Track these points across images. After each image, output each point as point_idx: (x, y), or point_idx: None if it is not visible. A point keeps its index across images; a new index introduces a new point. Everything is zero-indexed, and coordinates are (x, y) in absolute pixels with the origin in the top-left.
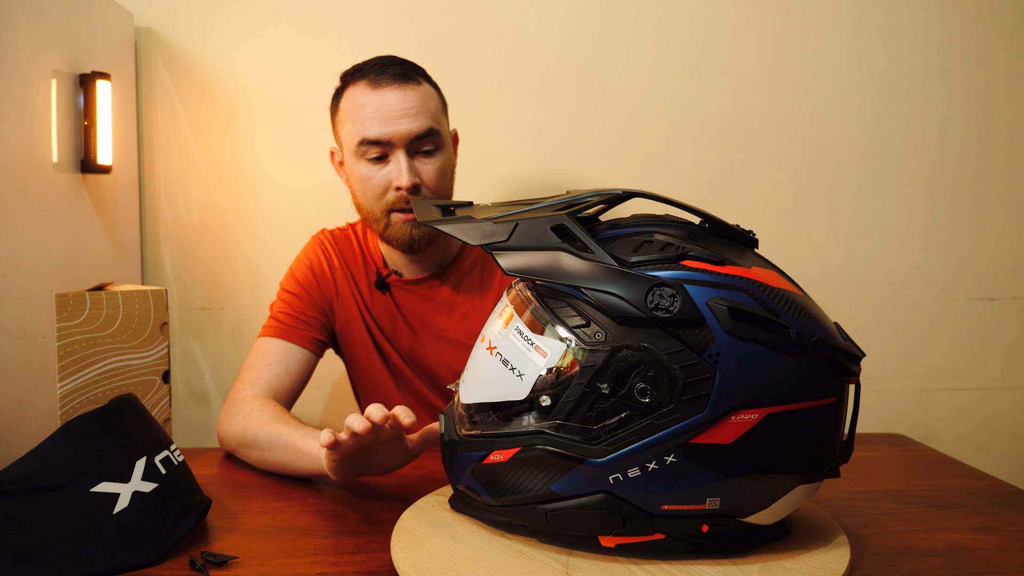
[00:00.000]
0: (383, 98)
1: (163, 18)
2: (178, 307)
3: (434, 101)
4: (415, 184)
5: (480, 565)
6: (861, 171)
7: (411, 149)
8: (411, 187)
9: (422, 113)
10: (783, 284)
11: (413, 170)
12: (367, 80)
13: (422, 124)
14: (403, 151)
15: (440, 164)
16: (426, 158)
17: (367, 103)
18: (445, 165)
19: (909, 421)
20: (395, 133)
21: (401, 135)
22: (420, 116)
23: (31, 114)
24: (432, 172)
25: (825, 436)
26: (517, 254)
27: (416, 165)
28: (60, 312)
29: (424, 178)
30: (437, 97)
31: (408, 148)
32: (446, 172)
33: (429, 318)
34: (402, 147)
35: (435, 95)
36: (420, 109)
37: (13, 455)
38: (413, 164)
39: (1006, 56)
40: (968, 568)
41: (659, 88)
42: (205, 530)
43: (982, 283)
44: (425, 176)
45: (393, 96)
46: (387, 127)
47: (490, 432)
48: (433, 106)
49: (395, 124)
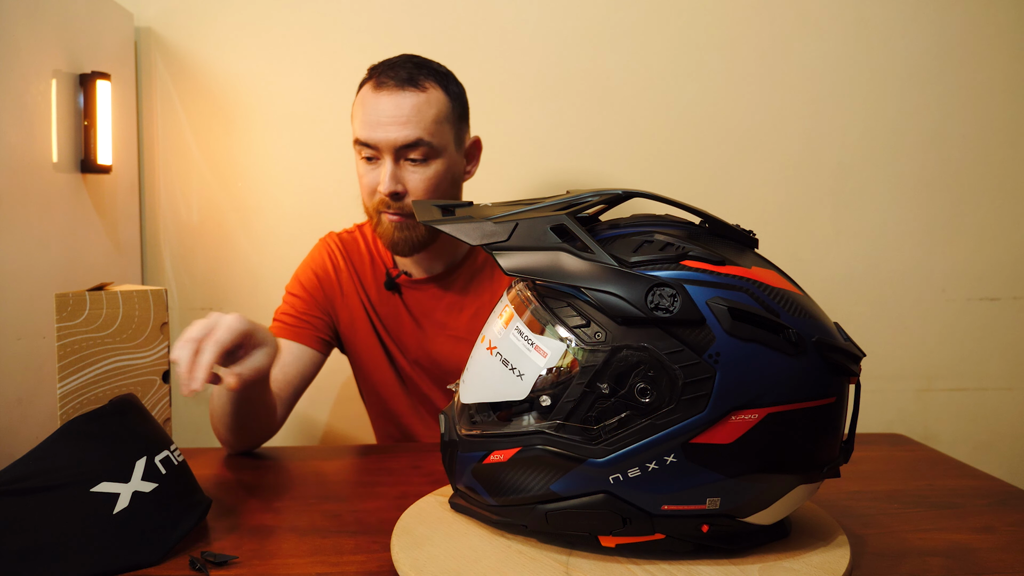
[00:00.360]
0: (379, 102)
1: (163, 18)
2: (178, 307)
3: (434, 110)
4: (395, 192)
5: (480, 565)
6: (861, 171)
7: (399, 156)
8: (391, 194)
9: (412, 122)
10: (783, 284)
11: (396, 177)
12: (374, 80)
13: (408, 134)
14: (390, 157)
15: (431, 174)
16: (414, 167)
17: (367, 104)
18: (438, 175)
19: (909, 421)
20: (381, 140)
21: (387, 142)
22: (409, 125)
23: (31, 114)
24: (419, 181)
25: (825, 436)
26: (517, 254)
27: (402, 173)
28: (60, 312)
29: (409, 186)
30: (443, 105)
31: (395, 155)
32: (440, 182)
33: (439, 317)
34: (389, 153)
35: (440, 103)
36: (411, 118)
37: (13, 455)
38: (398, 172)
39: (1006, 56)
40: (968, 568)
41: (659, 88)
42: (205, 530)
43: (982, 283)
44: (410, 184)
45: (387, 102)
46: (375, 132)
47: (490, 432)
48: (430, 116)
49: (382, 131)
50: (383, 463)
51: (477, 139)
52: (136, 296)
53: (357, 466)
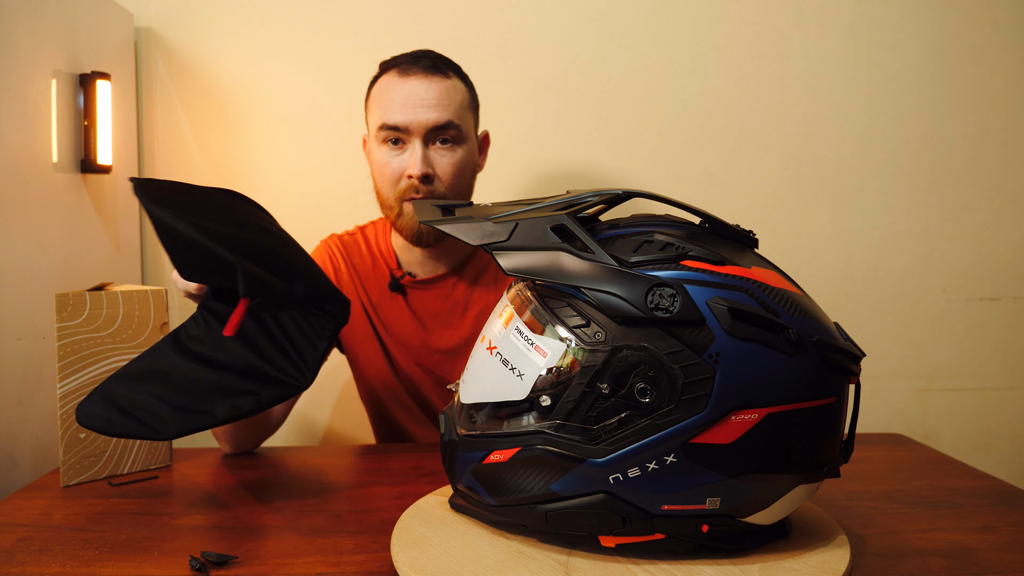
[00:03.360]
0: (408, 86)
1: (163, 18)
2: (178, 307)
3: (460, 96)
4: (426, 174)
5: (480, 565)
6: (861, 171)
7: (428, 139)
8: (422, 176)
9: (443, 105)
10: (783, 284)
11: (427, 160)
12: (398, 69)
13: (441, 115)
14: (420, 140)
15: (458, 159)
16: (443, 149)
17: (393, 89)
18: (464, 161)
19: (909, 421)
20: (413, 121)
21: (419, 124)
22: (440, 107)
23: (31, 114)
24: (447, 165)
25: (825, 436)
26: (517, 254)
27: (432, 156)
28: (60, 312)
29: (438, 170)
30: (465, 93)
31: (425, 138)
32: (464, 168)
33: (445, 317)
34: (419, 136)
35: (463, 91)
36: (442, 100)
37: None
38: (428, 154)
39: (1006, 56)
40: (968, 568)
41: (659, 88)
42: (205, 530)
43: (982, 283)
44: (439, 168)
45: (418, 85)
46: (407, 115)
47: (490, 432)
48: (458, 100)
49: (414, 112)
50: (383, 463)
51: (486, 133)
52: (136, 296)
53: (357, 466)
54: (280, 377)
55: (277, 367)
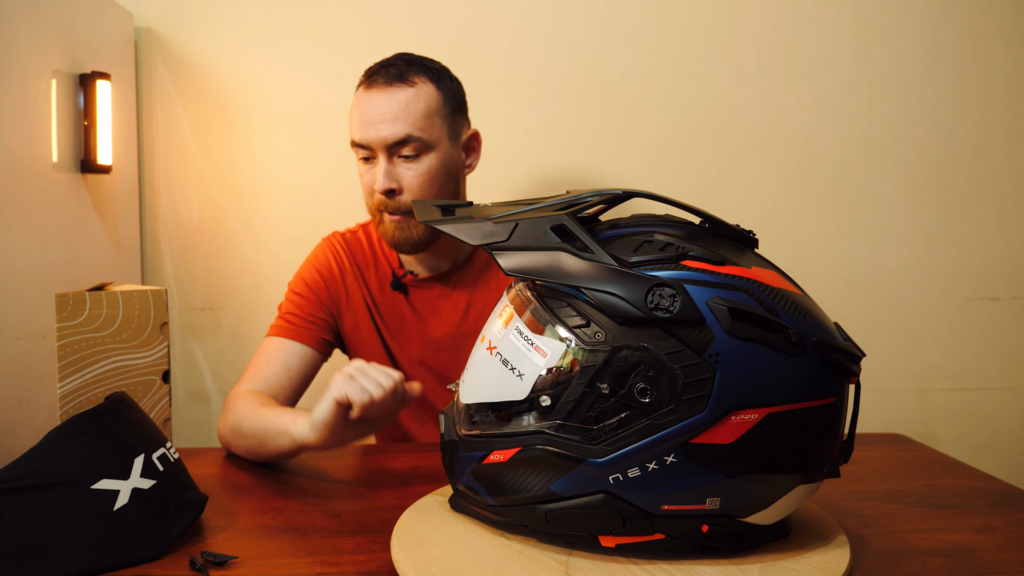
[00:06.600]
0: (369, 101)
1: (163, 18)
2: (178, 307)
3: (424, 104)
4: (390, 189)
5: (480, 565)
6: (861, 171)
7: (392, 153)
8: (386, 191)
9: (401, 119)
10: (783, 284)
11: (390, 175)
12: (366, 82)
13: (398, 131)
14: (384, 155)
15: (424, 169)
16: (407, 163)
17: (358, 105)
18: (433, 170)
19: (909, 421)
20: (373, 139)
21: (379, 140)
22: (398, 122)
23: (31, 114)
24: (413, 178)
25: (825, 436)
26: (517, 254)
27: (397, 170)
28: (60, 312)
29: (404, 183)
30: (433, 98)
31: (389, 151)
32: (435, 176)
33: (446, 315)
34: (382, 151)
35: (430, 96)
36: (400, 114)
37: (13, 455)
38: (392, 169)
39: (1006, 56)
40: (968, 568)
41: (659, 88)
42: (205, 530)
43: (982, 283)
44: (404, 181)
45: (377, 100)
46: (367, 132)
47: (490, 432)
48: (419, 110)
49: (374, 129)
50: (383, 463)
51: (476, 132)
52: (136, 296)
53: (357, 466)
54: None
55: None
